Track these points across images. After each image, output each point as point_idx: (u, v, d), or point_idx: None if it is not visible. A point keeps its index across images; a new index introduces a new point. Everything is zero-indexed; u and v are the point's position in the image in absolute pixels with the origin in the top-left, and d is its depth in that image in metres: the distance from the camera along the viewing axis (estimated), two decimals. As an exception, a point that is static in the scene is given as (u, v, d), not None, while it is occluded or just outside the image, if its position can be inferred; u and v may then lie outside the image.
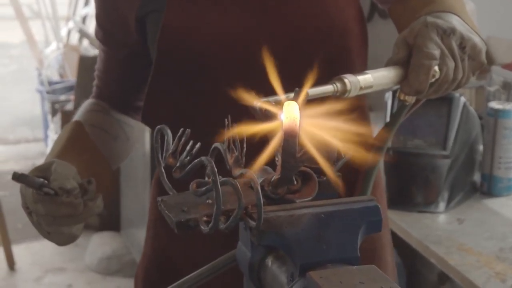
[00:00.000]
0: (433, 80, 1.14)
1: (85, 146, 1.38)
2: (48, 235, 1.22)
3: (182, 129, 0.96)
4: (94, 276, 3.96)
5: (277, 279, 0.92)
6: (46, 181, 1.17)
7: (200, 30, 1.30)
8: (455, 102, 2.01)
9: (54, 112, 5.32)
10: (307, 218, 0.89)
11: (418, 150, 1.99)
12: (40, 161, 1.43)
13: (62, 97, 5.42)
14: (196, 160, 0.92)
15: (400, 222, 1.91)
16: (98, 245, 4.09)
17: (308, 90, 1.02)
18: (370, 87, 1.10)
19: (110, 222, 4.30)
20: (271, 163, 0.96)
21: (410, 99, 1.16)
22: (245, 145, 0.95)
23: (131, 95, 1.48)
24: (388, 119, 2.02)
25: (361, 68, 1.39)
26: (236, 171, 0.95)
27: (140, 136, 2.75)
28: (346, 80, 1.07)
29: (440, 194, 1.97)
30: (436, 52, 1.12)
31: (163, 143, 0.98)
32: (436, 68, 1.13)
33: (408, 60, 1.14)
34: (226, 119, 0.94)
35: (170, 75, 1.34)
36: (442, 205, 1.98)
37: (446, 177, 1.97)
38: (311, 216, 0.90)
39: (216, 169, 0.86)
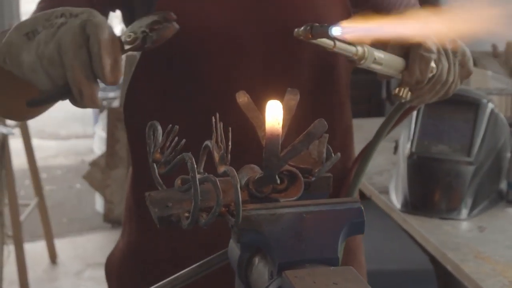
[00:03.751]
0: (430, 75, 1.17)
1: None
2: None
3: (170, 125, 0.97)
4: (133, 272, 4.00)
5: (261, 277, 0.93)
6: None
7: (192, 17, 1.30)
8: (482, 108, 1.99)
9: (102, 109, 5.40)
10: (288, 217, 0.90)
11: (441, 155, 1.97)
12: (89, 157, 1.46)
13: (111, 94, 5.50)
14: (178, 157, 0.93)
15: (420, 228, 1.89)
16: (138, 242, 4.12)
17: (337, 42, 1.06)
18: (380, 64, 1.13)
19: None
20: (259, 161, 0.97)
21: (406, 94, 1.17)
22: (230, 143, 0.96)
23: None
24: (413, 123, 2.02)
25: (347, 66, 1.42)
26: (221, 169, 0.95)
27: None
28: (365, 48, 1.10)
29: (463, 201, 1.95)
30: (434, 48, 1.15)
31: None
32: (433, 63, 1.16)
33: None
34: (213, 117, 0.95)
35: (159, 62, 1.34)
36: (464, 212, 1.95)
37: (469, 184, 1.95)
38: (292, 215, 0.90)
39: (195, 166, 0.87)
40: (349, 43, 1.10)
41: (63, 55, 0.94)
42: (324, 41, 1.07)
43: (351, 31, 1.02)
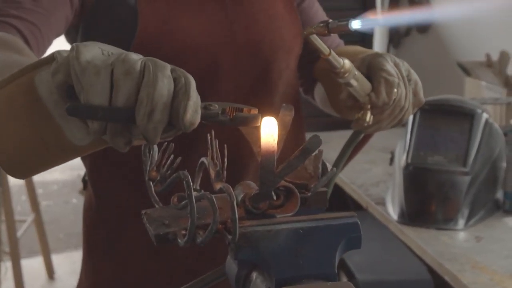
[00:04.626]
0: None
1: None
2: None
3: (166, 142, 0.97)
4: None
5: (258, 293, 0.93)
6: None
7: (173, 37, 1.32)
8: (476, 118, 1.99)
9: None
10: (284, 234, 0.90)
11: (437, 166, 1.97)
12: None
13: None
14: (174, 175, 0.93)
15: (417, 238, 1.89)
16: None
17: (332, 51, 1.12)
18: (357, 80, 1.16)
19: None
20: (255, 177, 0.97)
21: (369, 118, 1.20)
22: (226, 160, 0.97)
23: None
24: (408, 134, 2.02)
25: (296, 86, 1.52)
26: (217, 186, 0.96)
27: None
28: (350, 63, 1.15)
29: (459, 211, 1.95)
30: (394, 72, 1.18)
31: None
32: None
33: None
34: (209, 134, 0.95)
35: None
36: (461, 222, 1.95)
37: (466, 194, 1.95)
38: (289, 231, 0.90)
39: (191, 183, 0.87)
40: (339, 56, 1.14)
41: (147, 71, 0.81)
42: (323, 47, 1.11)
43: (369, 23, 1.04)
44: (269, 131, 0.90)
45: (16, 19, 1.18)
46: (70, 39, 1.39)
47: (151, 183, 1.00)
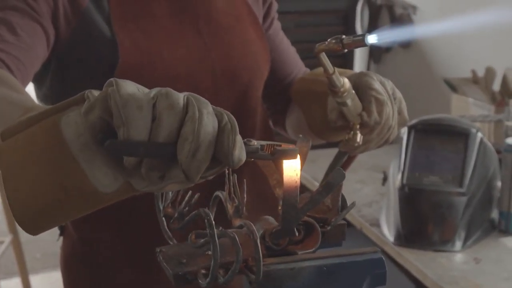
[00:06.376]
0: None
1: None
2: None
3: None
4: (111, 307, 3.94)
5: (279, 332, 0.89)
6: None
7: (154, 67, 1.31)
8: (471, 138, 1.98)
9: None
10: (308, 271, 0.88)
11: (433, 187, 1.95)
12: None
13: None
14: (193, 212, 0.90)
15: (415, 261, 1.87)
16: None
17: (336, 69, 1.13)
18: (353, 100, 1.16)
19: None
20: (274, 212, 0.95)
21: (360, 139, 1.19)
22: (245, 195, 0.94)
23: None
24: (403, 155, 2.00)
25: (264, 113, 1.53)
26: (236, 222, 0.93)
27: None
28: (350, 84, 1.15)
29: (456, 233, 1.93)
30: (382, 91, 1.17)
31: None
32: None
33: None
34: (227, 169, 0.91)
35: None
36: (458, 244, 1.93)
37: (462, 214, 1.93)
38: (313, 269, 0.88)
39: (213, 222, 0.83)
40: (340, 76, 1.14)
41: (190, 106, 0.77)
42: (329, 65, 1.12)
43: (384, 37, 1.03)
44: (291, 165, 0.87)
45: (1, 52, 1.14)
46: (35, 77, 1.33)
47: (163, 219, 0.96)
